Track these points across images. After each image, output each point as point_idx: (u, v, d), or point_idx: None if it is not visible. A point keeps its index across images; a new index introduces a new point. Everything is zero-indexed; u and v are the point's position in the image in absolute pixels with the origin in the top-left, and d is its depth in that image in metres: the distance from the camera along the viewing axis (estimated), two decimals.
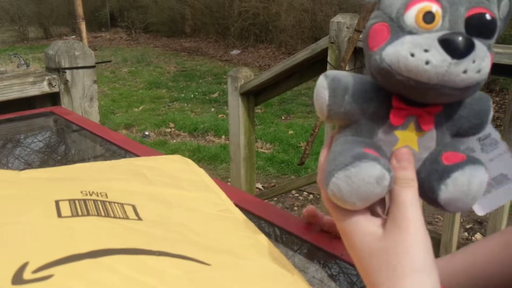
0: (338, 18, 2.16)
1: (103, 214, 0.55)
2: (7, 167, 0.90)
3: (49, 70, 1.37)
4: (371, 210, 0.43)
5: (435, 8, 0.38)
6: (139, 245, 0.49)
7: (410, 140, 0.43)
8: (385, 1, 0.42)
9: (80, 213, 0.54)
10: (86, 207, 0.55)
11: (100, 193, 0.60)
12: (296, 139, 4.53)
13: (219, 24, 9.94)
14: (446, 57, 0.37)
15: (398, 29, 0.40)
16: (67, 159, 0.99)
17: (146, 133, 4.83)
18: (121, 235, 0.51)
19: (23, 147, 1.05)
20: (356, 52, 2.12)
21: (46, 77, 1.33)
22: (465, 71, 0.37)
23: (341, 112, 0.43)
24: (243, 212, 0.67)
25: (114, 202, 0.58)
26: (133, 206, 0.59)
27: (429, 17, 0.39)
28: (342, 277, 0.58)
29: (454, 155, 0.43)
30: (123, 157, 0.94)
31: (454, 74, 0.37)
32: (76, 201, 0.56)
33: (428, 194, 0.43)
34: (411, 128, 0.43)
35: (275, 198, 3.30)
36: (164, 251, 0.49)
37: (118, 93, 6.55)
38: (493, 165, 0.53)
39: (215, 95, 6.34)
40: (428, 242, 0.40)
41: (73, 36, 10.91)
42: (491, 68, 0.40)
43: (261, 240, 0.59)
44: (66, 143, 1.09)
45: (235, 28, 9.30)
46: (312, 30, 7.99)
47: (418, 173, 0.43)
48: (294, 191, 3.38)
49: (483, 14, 0.39)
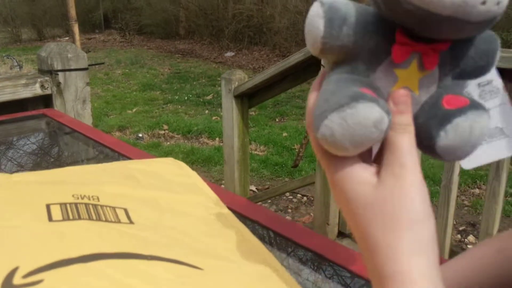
0: None
1: (94, 218, 0.54)
2: None
3: (42, 72, 1.36)
4: (361, 157, 0.40)
5: None
6: (131, 249, 0.49)
7: (410, 81, 0.39)
8: None
9: (71, 217, 0.53)
10: (77, 211, 0.55)
11: (92, 196, 0.60)
12: (290, 141, 4.53)
13: (213, 26, 9.94)
14: None
15: None
16: (59, 161, 0.99)
17: (140, 135, 4.81)
18: (113, 239, 0.51)
19: (15, 150, 1.05)
20: None
21: (39, 79, 1.32)
22: (483, 2, 0.33)
23: (337, 46, 0.38)
24: (236, 215, 0.67)
25: (106, 206, 0.58)
26: (125, 210, 0.59)
27: None
28: (336, 279, 0.58)
29: (457, 99, 0.39)
30: (115, 159, 0.93)
31: (471, 5, 0.33)
32: (68, 205, 0.56)
33: (425, 141, 0.39)
34: (413, 66, 0.39)
35: (269, 201, 3.30)
36: (156, 255, 0.49)
37: (111, 95, 6.53)
38: None
39: (209, 97, 6.33)
40: (425, 190, 0.37)
41: (67, 38, 10.87)
42: None
43: (254, 243, 0.58)
44: (58, 146, 1.08)
45: (229, 30, 9.31)
46: None
47: (416, 118, 0.39)
48: (288, 193, 3.38)
49: None
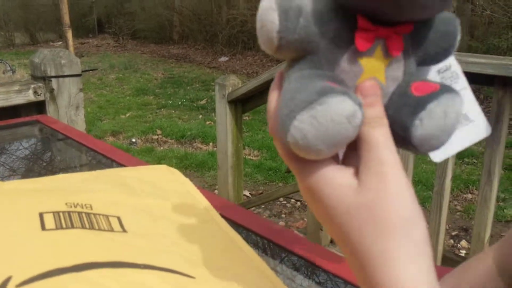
0: None
1: (87, 227, 0.54)
2: None
3: (35, 78, 1.36)
4: (333, 159, 0.36)
5: None
6: (124, 258, 0.49)
7: (376, 70, 0.36)
8: None
9: (64, 226, 0.53)
10: (70, 219, 0.55)
11: (85, 204, 0.60)
12: None
13: (207, 31, 9.95)
14: None
15: None
16: (52, 168, 0.99)
17: (133, 140, 4.80)
18: (106, 247, 0.51)
19: (8, 156, 1.04)
20: None
21: (32, 86, 1.32)
22: None
23: (294, 40, 0.35)
24: (229, 222, 0.67)
25: (99, 214, 0.58)
26: (118, 218, 0.59)
27: None
28: (329, 285, 0.58)
29: (425, 85, 0.37)
30: (109, 166, 0.94)
31: None
32: (61, 213, 0.56)
33: (400, 133, 0.37)
34: (378, 54, 0.36)
35: (263, 206, 3.30)
36: (149, 264, 0.49)
37: (105, 99, 6.51)
38: None
39: (203, 102, 6.33)
40: (410, 187, 0.35)
41: (60, 42, 10.84)
42: (475, 77, 0.38)
43: (246, 251, 0.59)
44: (51, 152, 1.08)
45: (223, 35, 9.32)
46: None
47: (386, 109, 0.37)
48: (281, 199, 3.38)
49: None
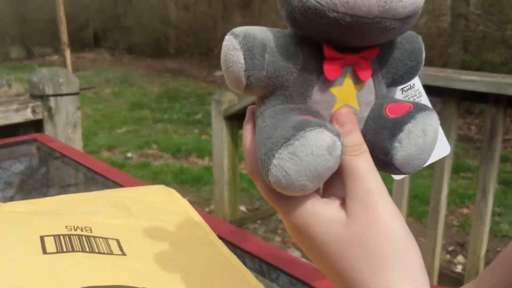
0: None
1: (87, 250, 0.55)
2: None
3: (33, 97, 1.37)
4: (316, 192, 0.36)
5: None
6: (124, 282, 0.50)
7: (348, 97, 0.36)
8: None
9: (65, 249, 0.54)
10: (71, 242, 0.56)
11: (85, 227, 0.60)
12: None
13: (203, 46, 10.01)
14: None
15: None
16: (50, 188, 0.99)
17: (129, 155, 4.80)
18: (106, 271, 0.52)
19: (6, 175, 1.05)
20: None
21: (30, 104, 1.33)
22: None
23: (263, 77, 0.34)
24: (226, 244, 0.68)
25: (99, 237, 0.59)
26: (117, 241, 0.60)
27: None
28: None
29: (399, 106, 0.37)
30: (106, 185, 0.94)
31: (396, 0, 0.31)
32: (61, 237, 0.57)
33: (381, 158, 0.36)
34: (348, 81, 0.36)
35: (259, 221, 3.30)
36: (148, 287, 0.50)
37: (100, 114, 6.52)
38: None
39: (199, 116, 6.35)
40: (399, 213, 0.34)
41: (56, 56, 10.87)
42: (469, 95, 0.38)
43: (245, 274, 0.59)
44: (49, 172, 1.09)
45: (219, 49, 9.36)
46: None
47: (364, 135, 0.37)
48: (277, 214, 3.38)
49: None
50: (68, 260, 0.52)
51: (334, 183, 0.36)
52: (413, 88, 0.47)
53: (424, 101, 0.47)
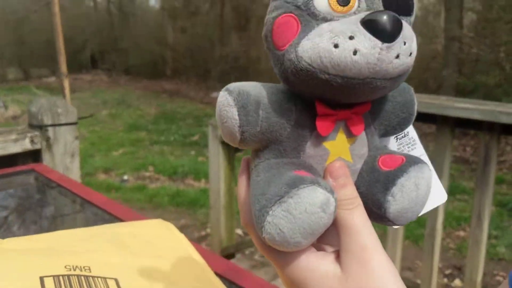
0: None
1: None
2: None
3: (32, 127, 1.38)
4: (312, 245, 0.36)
5: None
6: None
7: (342, 151, 0.37)
8: None
9: None
10: (70, 283, 0.56)
11: (84, 267, 0.61)
12: None
13: (200, 67, 10.08)
14: (376, 42, 0.31)
15: (310, 17, 0.33)
16: (48, 220, 1.00)
17: (125, 178, 4.79)
18: None
19: (3, 207, 1.06)
20: None
21: (28, 134, 1.34)
22: (397, 56, 0.32)
23: (257, 132, 0.35)
24: (223, 281, 0.68)
25: (97, 277, 0.60)
26: (116, 280, 0.61)
27: None
28: None
29: (392, 158, 0.37)
30: (104, 219, 0.95)
31: (387, 61, 0.31)
32: (61, 277, 0.57)
33: (374, 210, 0.37)
34: (340, 135, 0.36)
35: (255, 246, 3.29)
36: None
37: (97, 136, 6.53)
38: None
39: (195, 137, 6.36)
40: (393, 267, 0.34)
41: (53, 78, 10.91)
42: (463, 122, 0.38)
43: None
44: (47, 204, 1.09)
45: (216, 71, 9.44)
46: None
47: (357, 187, 0.37)
48: None
49: None
50: None
51: (329, 232, 0.36)
52: (407, 135, 0.47)
53: (418, 148, 0.48)
